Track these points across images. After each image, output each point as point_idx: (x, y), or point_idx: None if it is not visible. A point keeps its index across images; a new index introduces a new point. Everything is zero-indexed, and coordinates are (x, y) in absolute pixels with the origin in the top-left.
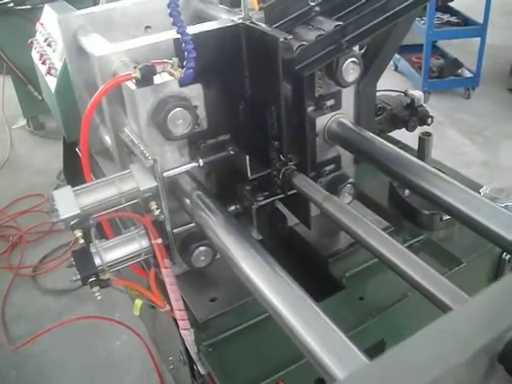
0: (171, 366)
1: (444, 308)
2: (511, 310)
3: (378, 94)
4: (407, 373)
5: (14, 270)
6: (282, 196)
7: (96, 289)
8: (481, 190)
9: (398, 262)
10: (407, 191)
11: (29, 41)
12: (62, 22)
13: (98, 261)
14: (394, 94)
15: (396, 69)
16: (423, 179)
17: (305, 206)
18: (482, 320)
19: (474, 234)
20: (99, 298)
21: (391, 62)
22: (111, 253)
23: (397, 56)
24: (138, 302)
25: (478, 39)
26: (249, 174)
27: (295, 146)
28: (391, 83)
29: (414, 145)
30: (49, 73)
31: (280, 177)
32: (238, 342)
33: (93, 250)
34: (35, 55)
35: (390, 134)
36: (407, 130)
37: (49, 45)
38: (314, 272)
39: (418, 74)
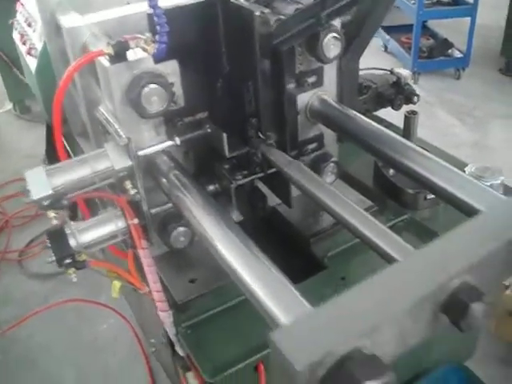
0: (153, 349)
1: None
2: (455, 261)
3: (363, 72)
4: (349, 319)
5: (0, 255)
6: (261, 175)
7: (72, 270)
8: (466, 169)
9: (378, 241)
10: (392, 171)
11: (10, 21)
12: (40, 0)
13: (73, 242)
14: (381, 72)
15: (386, 49)
16: (407, 157)
17: (285, 185)
18: (426, 271)
19: (459, 213)
20: (75, 279)
21: (381, 43)
22: (87, 234)
23: (386, 37)
24: (116, 284)
25: (469, 19)
26: (226, 152)
27: (275, 123)
28: (381, 64)
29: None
30: (29, 53)
31: (259, 155)
32: (217, 324)
33: (68, 232)
34: (16, 36)
35: (376, 112)
36: (393, 108)
37: (29, 25)
38: (297, 252)
39: (408, 54)
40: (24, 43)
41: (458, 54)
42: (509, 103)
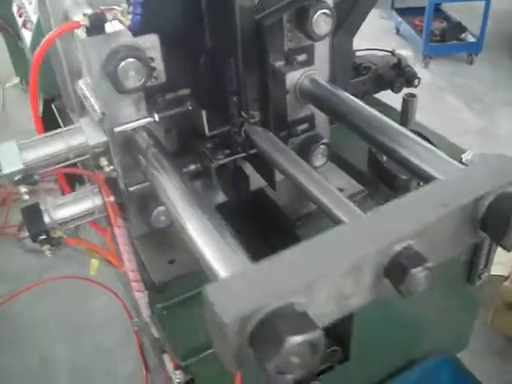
0: (136, 328)
1: None
2: (400, 225)
3: (364, 53)
4: (284, 275)
5: None
6: (243, 155)
7: (46, 247)
8: (463, 156)
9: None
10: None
11: None
12: None
13: (47, 218)
14: (382, 53)
15: (398, 32)
16: (399, 144)
17: (269, 166)
18: (369, 233)
19: None
20: (49, 255)
21: (393, 25)
22: (62, 210)
23: (399, 19)
24: (95, 262)
25: (483, 2)
26: (206, 130)
27: (260, 102)
28: (390, 47)
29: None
30: (24, 26)
31: (241, 134)
32: (194, 306)
33: (43, 208)
34: (15, 8)
35: (379, 95)
36: (393, 91)
37: None
38: (282, 235)
39: (420, 37)
40: (20, 16)
41: (471, 39)
42: None
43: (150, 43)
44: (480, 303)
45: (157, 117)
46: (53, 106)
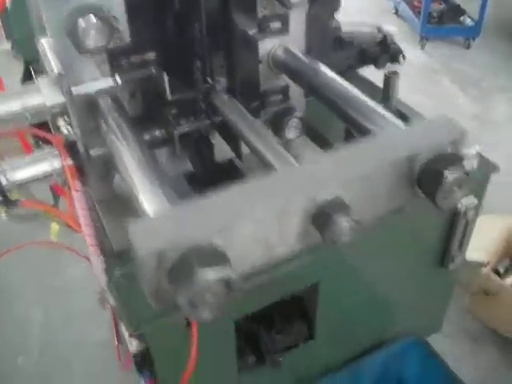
0: (98, 296)
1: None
2: (330, 176)
3: (350, 28)
4: (205, 216)
5: None
6: (207, 122)
7: (3, 209)
8: None
9: None
10: None
11: None
12: None
13: (3, 180)
14: (369, 29)
15: (396, 12)
16: (372, 123)
17: (235, 136)
18: (299, 181)
19: None
20: (4, 218)
21: (392, 5)
22: (19, 172)
23: None
24: (55, 226)
25: None
26: (168, 94)
27: (228, 69)
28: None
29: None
30: None
31: (206, 101)
32: None
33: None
34: None
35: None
36: (376, 67)
37: None
38: None
39: (417, 18)
40: None
41: (469, 22)
42: None
43: (116, 2)
44: (453, 287)
45: (119, 79)
46: (31, 68)
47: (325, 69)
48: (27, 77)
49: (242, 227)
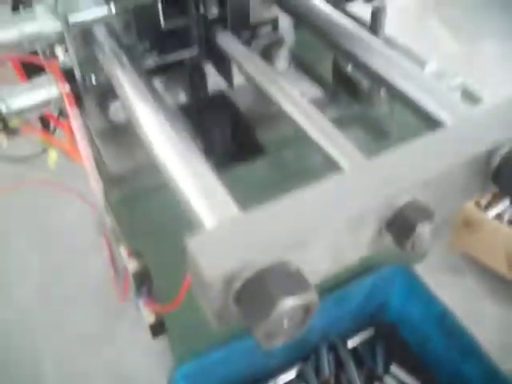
0: (97, 223)
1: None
2: (406, 175)
3: None
4: (275, 228)
5: None
6: (200, 50)
7: (2, 136)
8: (426, 67)
9: (323, 142)
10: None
11: None
12: None
13: (2, 107)
14: None
15: None
16: (361, 49)
17: (227, 65)
18: (372, 182)
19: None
20: (5, 146)
21: None
22: (18, 99)
23: None
24: (53, 153)
25: None
26: (162, 21)
27: None
28: None
29: None
30: None
31: (200, 30)
32: (149, 199)
33: None
34: None
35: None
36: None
37: None
38: (243, 138)
39: None
40: None
41: None
42: (509, 20)
43: None
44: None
45: (113, 8)
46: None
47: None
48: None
49: (318, 238)
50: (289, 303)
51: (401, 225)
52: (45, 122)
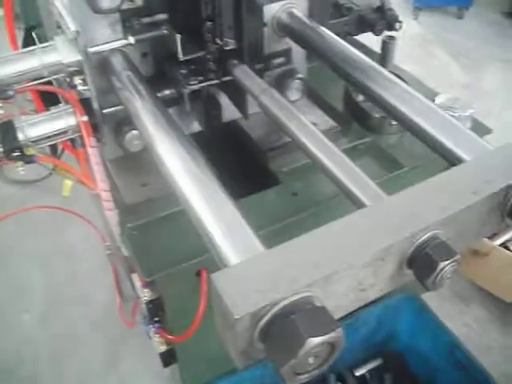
0: (109, 251)
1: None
2: (428, 212)
3: None
4: (300, 265)
5: None
6: (216, 82)
7: (20, 164)
8: (436, 98)
9: (342, 178)
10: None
11: None
12: None
13: (21, 135)
14: None
15: None
16: (374, 82)
17: (242, 95)
18: (394, 219)
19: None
20: (22, 173)
21: None
22: (36, 128)
23: None
24: (68, 182)
25: None
26: (180, 54)
27: (236, 30)
28: None
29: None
30: None
31: (216, 61)
32: (163, 228)
33: (17, 125)
34: None
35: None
36: (374, 33)
37: None
38: (254, 166)
39: None
40: None
41: None
42: (508, 47)
43: None
44: None
45: (132, 39)
46: (33, 34)
47: (328, 32)
48: (29, 43)
49: (341, 275)
50: (316, 342)
51: (423, 262)
52: (53, 147)
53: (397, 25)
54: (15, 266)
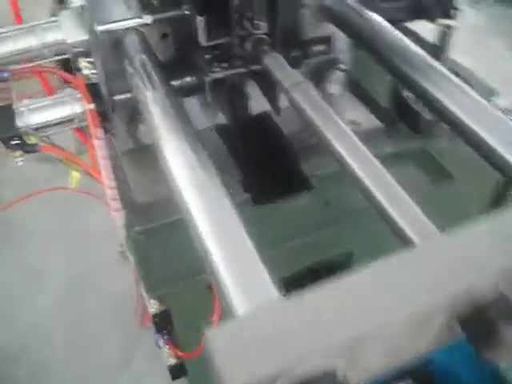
0: (120, 249)
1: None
2: (491, 260)
3: None
4: (322, 326)
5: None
6: (242, 70)
7: (19, 153)
8: (493, 98)
9: (363, 176)
10: None
11: None
12: None
13: (20, 122)
14: None
15: None
16: (430, 81)
17: (273, 87)
18: (444, 269)
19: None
20: (20, 163)
21: None
22: (37, 114)
23: None
24: (75, 174)
25: None
26: (204, 39)
27: (269, 11)
28: None
29: None
30: None
31: (244, 47)
32: (173, 234)
33: (17, 110)
34: None
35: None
36: (430, 20)
37: None
38: (284, 165)
39: None
40: None
41: None
42: None
43: None
44: None
45: (148, 18)
46: None
47: (377, 17)
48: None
49: (370, 342)
50: None
51: (479, 326)
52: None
53: (452, 12)
54: (33, 250)
